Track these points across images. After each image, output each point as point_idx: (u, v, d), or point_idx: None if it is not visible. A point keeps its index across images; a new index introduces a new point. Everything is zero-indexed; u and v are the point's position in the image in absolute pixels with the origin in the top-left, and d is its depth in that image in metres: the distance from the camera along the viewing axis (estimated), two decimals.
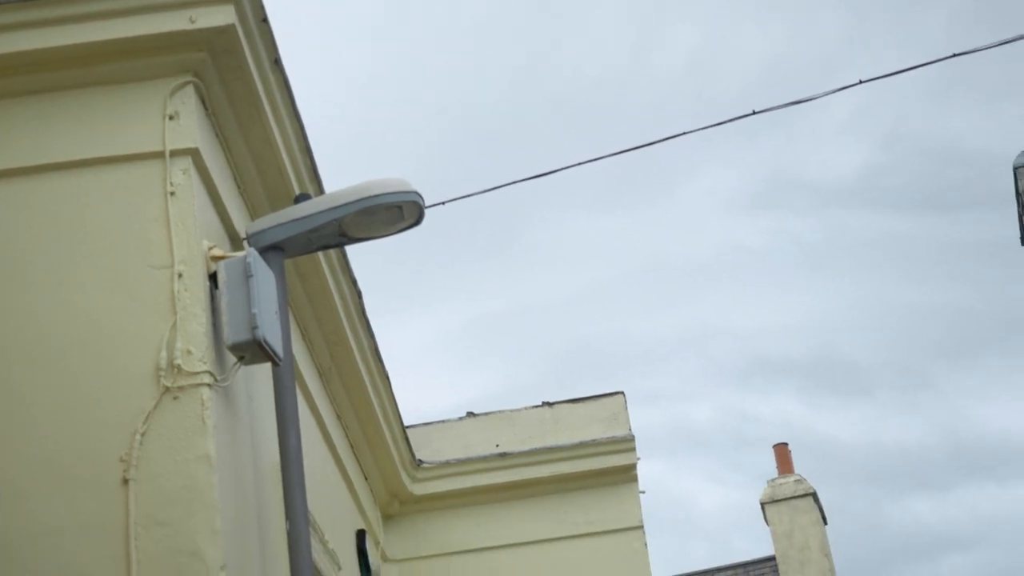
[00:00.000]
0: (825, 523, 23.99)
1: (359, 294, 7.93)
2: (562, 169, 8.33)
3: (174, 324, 5.26)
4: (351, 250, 7.65)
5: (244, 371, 5.72)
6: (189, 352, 5.24)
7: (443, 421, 10.31)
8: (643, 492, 10.25)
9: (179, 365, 5.22)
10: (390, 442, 9.22)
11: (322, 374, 7.95)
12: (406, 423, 9.79)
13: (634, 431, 10.13)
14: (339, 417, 8.42)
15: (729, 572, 24.02)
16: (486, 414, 10.33)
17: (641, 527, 10.02)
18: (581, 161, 8.34)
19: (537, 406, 10.34)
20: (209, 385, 5.23)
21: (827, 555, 23.14)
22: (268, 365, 5.72)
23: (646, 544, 9.99)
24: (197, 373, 5.21)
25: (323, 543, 7.12)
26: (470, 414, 10.35)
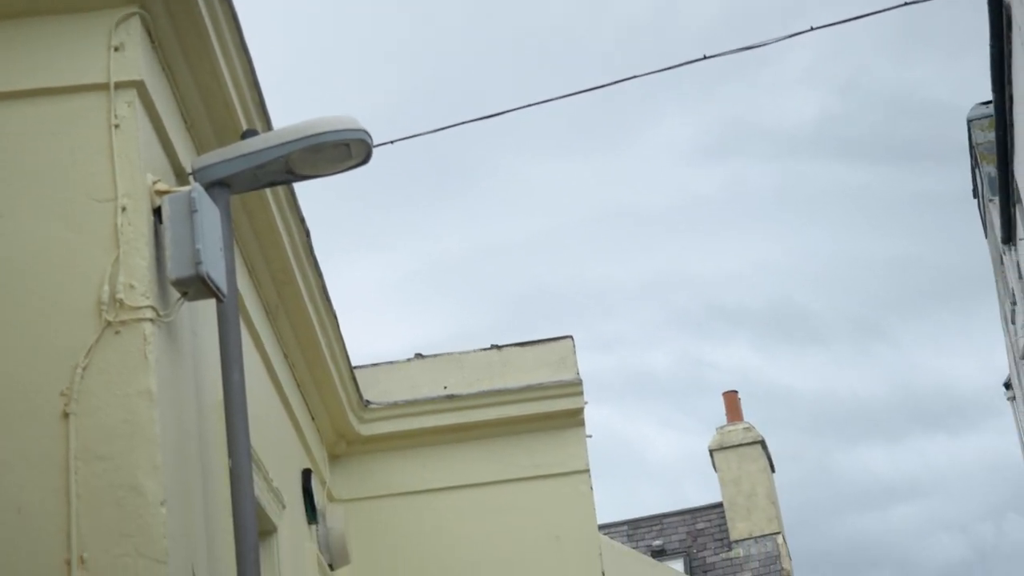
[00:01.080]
0: (773, 471, 24.23)
1: (307, 232, 7.89)
2: (514, 110, 8.31)
3: (117, 258, 5.22)
4: (302, 188, 7.61)
5: (188, 307, 5.68)
6: (132, 287, 5.20)
7: (391, 362, 10.29)
8: (590, 436, 10.29)
9: (121, 299, 5.18)
10: (337, 382, 9.21)
11: (269, 312, 7.92)
12: (354, 363, 9.78)
13: (590, 377, 10.22)
14: (286, 356, 8.40)
15: (676, 518, 24.21)
16: (434, 356, 10.33)
17: (587, 471, 10.06)
18: (533, 102, 8.31)
19: (485, 349, 10.34)
20: (152, 320, 5.20)
21: (774, 502, 23.38)
22: (213, 301, 5.69)
23: (592, 487, 10.03)
24: (139, 308, 5.18)
25: (267, 481, 7.11)
26: (418, 355, 10.34)
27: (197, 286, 5.35)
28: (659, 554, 23.16)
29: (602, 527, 23.26)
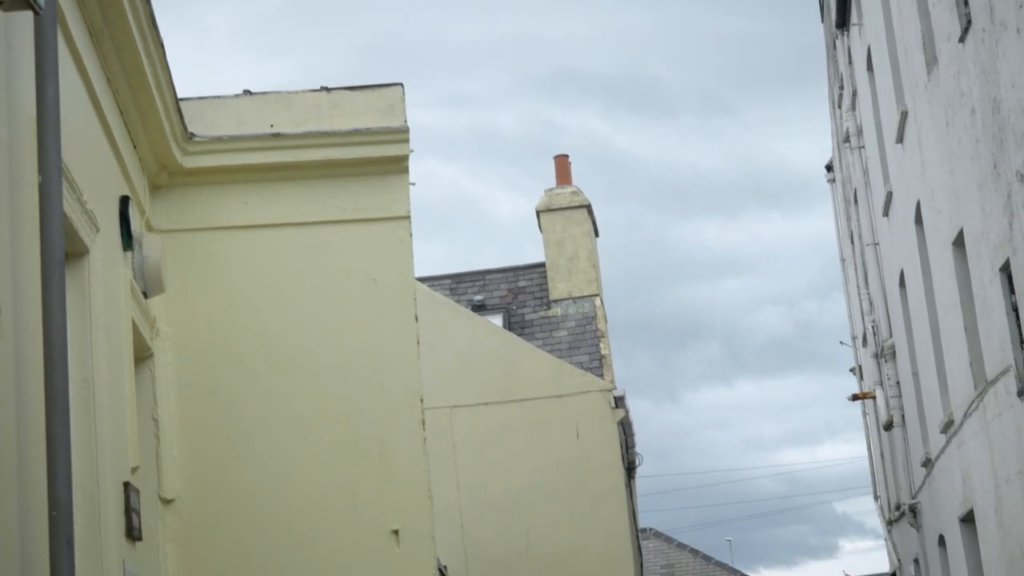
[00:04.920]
0: (597, 235, 24.69)
1: None
2: None
3: None
4: None
5: (4, 20, 5.59)
6: None
7: (218, 96, 10.20)
8: (413, 184, 10.39)
9: None
10: (161, 111, 9.12)
11: (93, 35, 7.78)
12: (181, 96, 9.67)
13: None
14: (109, 81, 8.28)
15: (498, 275, 24.62)
16: (263, 93, 10.26)
17: (407, 217, 10.19)
18: None
19: (315, 90, 10.29)
20: None
21: (595, 265, 23.87)
22: (31, 15, 5.60)
23: (411, 234, 10.18)
24: None
25: (80, 202, 7.10)
26: (247, 92, 10.26)
27: None
28: (480, 309, 23.61)
29: (425, 279, 23.60)
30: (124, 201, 8.68)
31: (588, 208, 24.23)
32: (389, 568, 9.53)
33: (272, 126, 10.13)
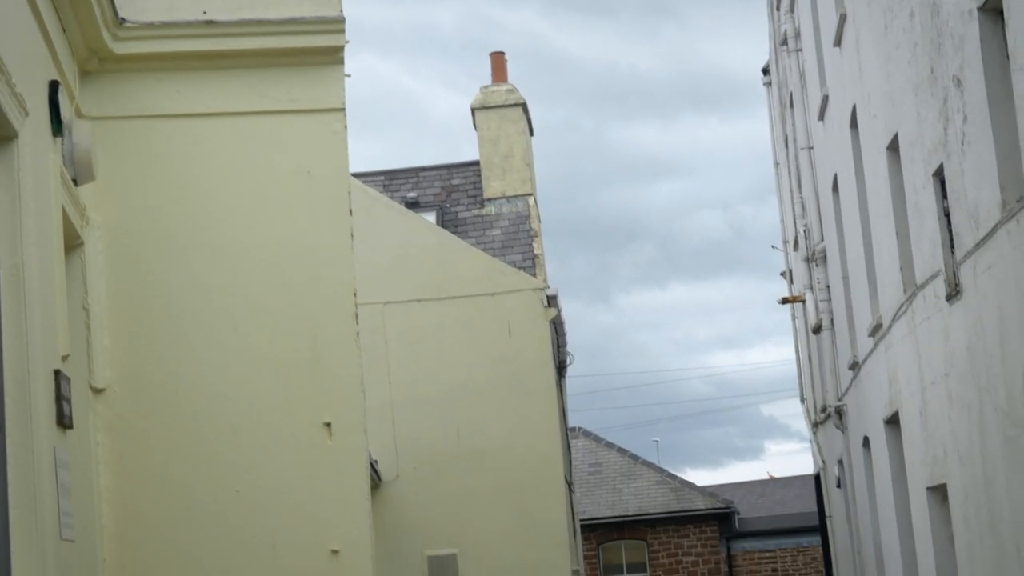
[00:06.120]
0: (532, 134, 24.64)
1: None
2: None
3: None
4: None
5: None
6: None
7: None
8: (348, 76, 10.27)
9: None
10: None
11: None
12: None
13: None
14: None
15: (432, 172, 24.57)
16: None
17: (342, 110, 10.08)
18: None
19: None
20: None
21: (529, 164, 23.86)
22: None
23: (346, 127, 10.09)
24: None
25: (9, 85, 6.95)
26: None
27: None
28: (413, 206, 23.54)
29: (358, 176, 23.49)
30: (53, 86, 8.51)
31: (523, 106, 24.16)
32: (321, 460, 9.54)
33: (205, 13, 9.96)
